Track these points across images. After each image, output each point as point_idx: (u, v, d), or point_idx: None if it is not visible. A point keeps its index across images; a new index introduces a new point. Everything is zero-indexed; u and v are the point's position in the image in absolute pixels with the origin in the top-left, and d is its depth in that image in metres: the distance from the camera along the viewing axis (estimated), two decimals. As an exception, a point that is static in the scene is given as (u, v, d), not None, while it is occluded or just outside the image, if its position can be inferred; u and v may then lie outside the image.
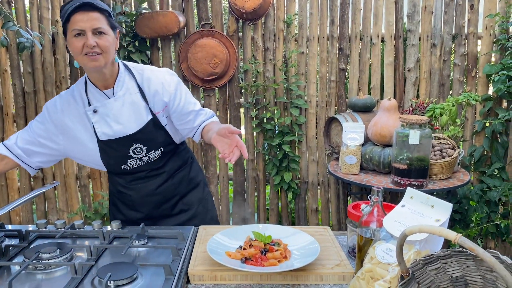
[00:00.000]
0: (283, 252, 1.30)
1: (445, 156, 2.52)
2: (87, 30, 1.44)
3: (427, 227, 0.89)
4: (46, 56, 3.17)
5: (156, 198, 1.74)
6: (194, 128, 1.73)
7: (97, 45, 1.46)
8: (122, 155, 1.63)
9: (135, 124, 1.61)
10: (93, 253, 1.30)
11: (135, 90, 1.63)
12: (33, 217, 3.48)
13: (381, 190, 1.23)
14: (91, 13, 1.45)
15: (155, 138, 1.66)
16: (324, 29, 3.20)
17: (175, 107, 1.67)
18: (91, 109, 1.59)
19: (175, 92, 1.67)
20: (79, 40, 1.45)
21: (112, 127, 1.60)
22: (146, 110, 1.63)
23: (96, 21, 1.45)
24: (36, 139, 1.63)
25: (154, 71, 1.68)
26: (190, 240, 1.46)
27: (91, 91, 1.61)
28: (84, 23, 1.44)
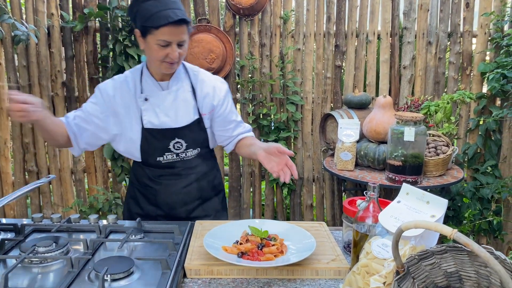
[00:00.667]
0: (279, 247, 1.31)
1: (439, 153, 2.54)
2: (173, 43, 1.51)
3: (423, 223, 0.90)
4: (41, 50, 3.15)
5: (180, 197, 1.75)
6: (231, 138, 1.80)
7: (179, 55, 1.54)
8: (162, 146, 1.66)
9: (182, 120, 1.67)
10: (89, 247, 1.30)
11: (188, 88, 1.70)
12: (27, 211, 3.46)
13: (377, 186, 1.24)
14: (180, 27, 1.50)
15: (196, 137, 1.71)
16: (321, 26, 3.20)
17: (220, 112, 1.75)
18: (143, 96, 1.64)
19: (223, 99, 1.75)
20: (163, 50, 1.52)
21: (159, 118, 1.64)
22: (194, 109, 1.69)
23: (182, 35, 1.52)
24: (90, 118, 1.65)
25: (207, 75, 1.77)
26: (187, 234, 1.46)
27: (147, 80, 1.67)
28: (173, 36, 1.50)
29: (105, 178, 3.38)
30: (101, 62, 3.16)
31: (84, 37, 3.16)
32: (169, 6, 1.50)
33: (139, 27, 1.54)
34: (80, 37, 3.15)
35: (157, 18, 1.47)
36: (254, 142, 1.74)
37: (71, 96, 3.24)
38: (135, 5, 1.54)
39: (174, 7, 1.50)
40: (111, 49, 3.04)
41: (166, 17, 1.46)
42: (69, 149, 1.72)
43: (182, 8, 1.54)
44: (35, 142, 3.28)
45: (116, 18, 3.02)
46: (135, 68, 1.72)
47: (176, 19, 1.47)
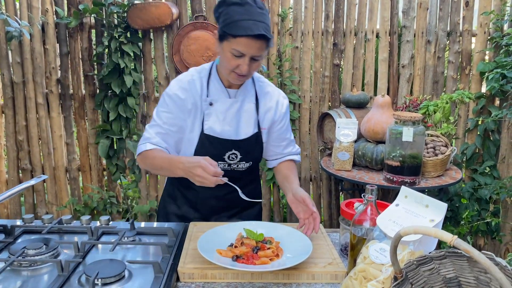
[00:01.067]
0: (275, 250, 1.28)
1: (438, 154, 2.51)
2: (247, 56, 1.44)
3: (422, 228, 0.88)
4: (36, 46, 3.10)
5: (221, 203, 1.71)
6: (279, 155, 1.79)
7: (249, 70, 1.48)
8: (217, 155, 1.61)
9: (242, 132, 1.63)
10: (80, 250, 1.27)
11: (253, 100, 1.66)
12: (21, 209, 3.42)
13: (375, 189, 1.22)
14: (258, 42, 1.42)
15: (252, 151, 1.68)
16: (319, 24, 3.17)
17: (278, 128, 1.73)
18: (208, 100, 1.59)
19: (284, 115, 1.73)
20: (235, 60, 1.45)
21: (221, 126, 1.60)
22: (255, 122, 1.66)
23: (259, 50, 1.44)
24: (170, 130, 1.60)
25: (272, 88, 1.74)
26: (181, 236, 1.43)
27: (215, 84, 1.62)
28: (249, 49, 1.43)
29: (100, 176, 3.35)
30: (96, 59, 3.12)
31: (79, 33, 3.12)
32: (254, 17, 1.41)
33: (219, 29, 1.47)
34: (75, 34, 3.11)
35: (238, 27, 1.40)
36: (290, 175, 1.70)
37: (65, 93, 3.20)
38: (221, 6, 1.47)
39: (259, 19, 1.41)
40: (107, 46, 3.01)
41: (246, 28, 1.39)
42: None
43: (268, 22, 1.45)
44: (29, 139, 3.24)
45: (111, 14, 2.98)
46: (202, 67, 1.66)
47: (256, 33, 1.39)
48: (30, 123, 3.21)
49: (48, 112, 3.21)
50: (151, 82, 3.21)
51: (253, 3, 1.43)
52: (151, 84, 3.21)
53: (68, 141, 3.28)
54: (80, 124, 3.27)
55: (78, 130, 3.29)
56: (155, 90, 3.26)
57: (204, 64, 1.68)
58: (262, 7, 1.45)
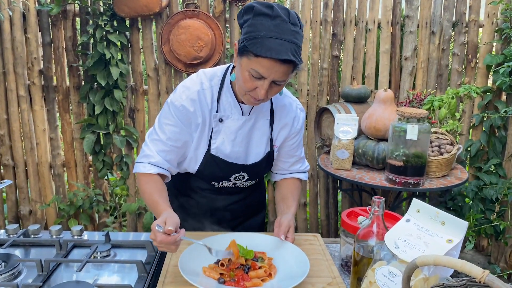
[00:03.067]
0: (267, 269, 1.13)
1: (443, 153, 2.36)
2: (267, 79, 1.21)
3: (444, 259, 0.72)
4: (16, 35, 2.91)
5: (223, 214, 1.56)
6: (285, 171, 1.61)
7: (266, 94, 1.25)
8: (222, 176, 1.45)
9: (252, 155, 1.46)
10: (44, 268, 1.11)
11: (267, 115, 1.45)
12: (3, 207, 3.26)
13: (382, 202, 1.06)
14: (284, 66, 1.18)
15: (261, 171, 1.53)
16: (317, 13, 2.99)
17: (289, 144, 1.54)
18: (218, 116, 1.38)
19: (298, 132, 1.54)
20: (253, 81, 1.23)
21: (230, 147, 1.41)
22: (268, 141, 1.48)
23: (282, 75, 1.21)
24: (174, 146, 1.39)
25: (289, 98, 1.51)
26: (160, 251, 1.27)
27: (227, 97, 1.39)
28: (271, 73, 1.19)
29: (86, 173, 3.18)
30: (80, 49, 2.93)
31: (62, 22, 2.93)
32: (284, 36, 1.16)
33: (240, 40, 1.23)
34: (58, 22, 2.92)
35: (262, 45, 1.15)
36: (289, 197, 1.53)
37: (48, 85, 3.01)
38: (247, 13, 1.22)
39: (289, 39, 1.17)
40: (92, 35, 2.82)
41: (272, 50, 1.15)
42: None
43: (300, 43, 1.21)
44: (11, 134, 3.06)
45: (96, 1, 2.78)
46: (214, 72, 1.42)
47: (284, 58, 1.15)
48: (12, 117, 3.03)
49: (30, 105, 3.03)
50: (139, 73, 3.03)
51: (286, 17, 1.18)
52: (139, 76, 3.03)
53: (52, 135, 3.11)
54: (65, 118, 3.09)
55: (63, 124, 3.11)
56: (143, 82, 3.08)
57: (215, 69, 1.45)
58: (296, 23, 1.20)
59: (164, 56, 2.93)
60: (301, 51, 1.22)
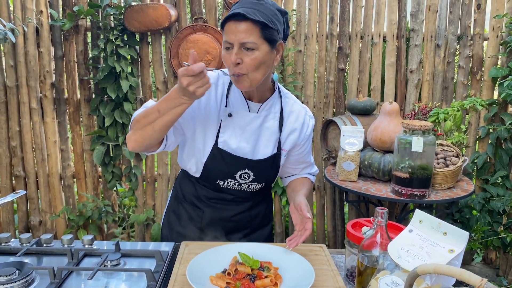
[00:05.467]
0: (273, 279, 1.15)
1: (449, 165, 2.37)
2: (234, 44, 1.25)
3: (444, 268, 0.74)
4: (30, 49, 2.99)
5: (228, 225, 1.56)
6: (296, 176, 1.67)
7: (242, 63, 1.27)
8: (228, 172, 1.46)
9: (260, 152, 1.47)
10: (57, 276, 1.14)
11: (277, 117, 1.48)
12: (14, 217, 3.31)
13: (386, 212, 1.08)
14: (241, 24, 1.23)
15: (267, 172, 1.52)
16: (323, 27, 3.04)
17: (299, 152, 1.58)
18: (228, 111, 1.42)
19: (307, 138, 1.57)
20: (228, 55, 1.28)
21: (237, 142, 1.43)
22: (276, 143, 1.49)
23: (244, 34, 1.23)
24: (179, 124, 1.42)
25: (299, 106, 1.55)
26: (170, 259, 1.30)
27: (235, 94, 1.44)
28: (232, 34, 1.25)
29: (95, 184, 3.22)
30: (91, 63, 3.00)
31: (74, 36, 3.01)
32: (243, 5, 1.25)
33: None
34: (70, 36, 3.00)
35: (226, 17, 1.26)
36: (298, 185, 1.57)
37: (60, 98, 3.08)
38: None
39: (247, 6, 1.24)
40: (102, 49, 2.89)
41: (229, 14, 1.24)
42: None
43: (263, 10, 1.26)
44: (23, 145, 3.12)
45: (107, 16, 2.86)
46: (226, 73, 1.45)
47: (234, 12, 1.22)
48: (24, 129, 3.10)
49: (42, 117, 3.10)
50: (148, 86, 3.09)
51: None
52: (148, 89, 3.09)
53: (62, 147, 3.17)
54: (75, 130, 3.15)
55: (73, 136, 3.17)
56: (152, 95, 3.13)
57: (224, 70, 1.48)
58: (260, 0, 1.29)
59: (173, 69, 2.98)
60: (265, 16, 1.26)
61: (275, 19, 1.29)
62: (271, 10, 1.29)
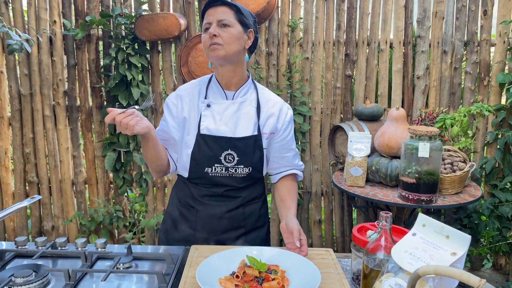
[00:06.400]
0: (280, 281, 1.18)
1: (456, 170, 2.39)
2: (213, 22, 1.49)
3: (445, 269, 0.77)
4: (43, 58, 3.07)
5: (222, 222, 1.62)
6: (284, 167, 1.72)
7: (219, 36, 1.48)
8: (213, 155, 1.56)
9: (240, 132, 1.58)
10: (71, 278, 1.18)
11: (254, 104, 1.62)
12: (27, 223, 3.37)
13: (390, 216, 1.11)
14: (219, 7, 1.50)
15: (250, 154, 1.59)
16: (330, 34, 3.08)
17: (282, 137, 1.66)
18: (206, 102, 1.59)
19: (288, 124, 1.67)
20: (206, 34, 1.50)
21: (217, 125, 1.57)
22: (255, 126, 1.60)
23: (222, 14, 1.49)
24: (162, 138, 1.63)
25: (275, 96, 1.70)
26: (180, 262, 1.34)
27: (213, 87, 1.62)
28: (211, 16, 1.50)
29: (106, 190, 3.28)
30: (103, 71, 3.07)
31: (86, 45, 3.08)
32: None
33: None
34: (82, 45, 3.07)
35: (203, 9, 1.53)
36: (287, 198, 1.65)
37: (72, 105, 3.15)
38: None
39: None
40: (114, 58, 2.96)
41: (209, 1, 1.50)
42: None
43: (237, 4, 1.52)
44: (36, 152, 3.19)
45: (119, 25, 2.93)
46: (206, 76, 1.68)
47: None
48: (37, 136, 3.17)
49: (55, 124, 3.17)
50: (159, 94, 3.15)
51: None
52: (159, 96, 3.15)
53: (74, 153, 3.23)
54: (87, 137, 3.22)
55: (85, 143, 3.24)
56: (163, 102, 3.19)
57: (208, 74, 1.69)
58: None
59: (183, 77, 3.04)
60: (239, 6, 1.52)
61: (247, 13, 1.55)
62: (244, 7, 1.55)
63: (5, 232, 3.33)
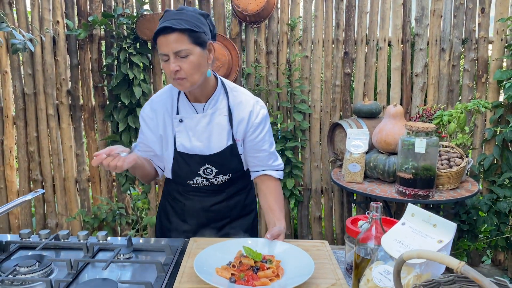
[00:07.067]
0: (275, 270, 1.22)
1: (452, 166, 2.42)
2: (170, 54, 1.40)
3: (427, 253, 0.81)
4: (47, 58, 3.12)
5: (208, 214, 1.69)
6: (258, 167, 1.69)
7: (181, 69, 1.41)
8: (192, 171, 1.60)
9: (214, 146, 1.59)
10: (73, 267, 1.23)
11: (225, 112, 1.60)
12: (32, 220, 3.43)
13: (380, 206, 1.15)
14: (170, 36, 1.38)
15: (228, 163, 1.62)
16: (329, 33, 3.12)
17: (251, 139, 1.64)
18: (178, 118, 1.58)
19: (258, 125, 1.63)
20: (167, 65, 1.42)
21: (192, 142, 1.58)
22: (229, 134, 1.60)
23: (176, 44, 1.38)
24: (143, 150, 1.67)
25: (247, 96, 1.64)
26: (179, 253, 1.38)
27: (182, 100, 1.59)
28: (165, 47, 1.39)
29: (109, 187, 3.33)
30: (105, 70, 3.12)
31: (89, 45, 3.13)
32: (168, 18, 1.39)
33: None
34: (85, 45, 3.12)
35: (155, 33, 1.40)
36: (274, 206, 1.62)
37: (75, 105, 3.20)
38: None
39: (171, 18, 1.39)
40: (116, 57, 3.01)
41: (157, 29, 1.38)
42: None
43: (185, 17, 1.39)
44: (40, 150, 3.25)
45: (120, 25, 2.98)
46: None
47: (161, 26, 1.36)
48: (41, 134, 3.22)
49: (58, 123, 3.23)
50: (160, 92, 3.19)
51: (171, 10, 1.45)
52: (160, 95, 3.19)
53: (78, 152, 3.29)
54: (90, 135, 3.27)
55: (88, 141, 3.29)
56: (164, 100, 3.23)
57: None
58: (181, 9, 1.44)
59: (183, 76, 3.08)
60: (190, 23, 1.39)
61: (199, 23, 1.43)
62: (193, 16, 1.43)
63: (10, 230, 3.39)
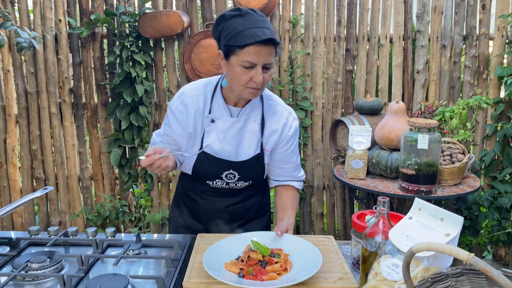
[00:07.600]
0: (283, 264, 1.24)
1: (454, 161, 2.43)
2: (258, 65, 1.37)
3: (436, 245, 0.82)
4: (49, 57, 3.13)
5: (222, 215, 1.68)
6: (282, 177, 1.69)
7: (262, 80, 1.40)
8: (214, 173, 1.59)
9: (242, 153, 1.57)
10: (84, 263, 1.24)
11: (258, 120, 1.57)
12: (35, 218, 3.44)
13: (387, 201, 1.16)
14: (267, 47, 1.35)
15: (252, 172, 1.62)
16: (331, 30, 3.13)
17: (282, 151, 1.63)
18: (210, 117, 1.55)
19: (290, 138, 1.62)
20: (246, 73, 1.38)
21: (221, 145, 1.55)
22: (258, 144, 1.58)
23: (269, 56, 1.37)
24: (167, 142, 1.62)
25: (282, 107, 1.63)
26: (187, 249, 1.40)
27: (218, 101, 1.55)
28: (259, 57, 1.35)
29: (112, 185, 3.34)
30: (108, 68, 3.13)
31: (91, 43, 3.14)
32: (258, 25, 1.35)
33: (222, 46, 1.40)
34: (87, 44, 3.13)
35: (243, 36, 1.32)
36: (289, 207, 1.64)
37: (78, 103, 3.21)
38: (220, 23, 1.40)
39: (262, 26, 1.36)
40: (118, 55, 3.02)
41: (253, 36, 1.32)
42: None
43: (271, 27, 1.40)
44: (43, 148, 3.26)
45: (123, 24, 2.98)
46: (209, 80, 1.59)
47: (264, 38, 1.32)
48: (44, 133, 3.23)
49: (61, 121, 3.23)
50: (162, 91, 3.20)
51: (253, 13, 1.39)
52: (162, 93, 3.21)
53: (80, 150, 3.30)
54: (93, 133, 3.28)
55: (91, 139, 3.30)
56: (166, 98, 3.25)
57: (212, 78, 1.61)
58: (262, 15, 1.41)
59: (186, 74, 3.10)
60: (274, 33, 1.40)
61: None
62: (269, 22, 1.42)
63: (13, 228, 3.40)
